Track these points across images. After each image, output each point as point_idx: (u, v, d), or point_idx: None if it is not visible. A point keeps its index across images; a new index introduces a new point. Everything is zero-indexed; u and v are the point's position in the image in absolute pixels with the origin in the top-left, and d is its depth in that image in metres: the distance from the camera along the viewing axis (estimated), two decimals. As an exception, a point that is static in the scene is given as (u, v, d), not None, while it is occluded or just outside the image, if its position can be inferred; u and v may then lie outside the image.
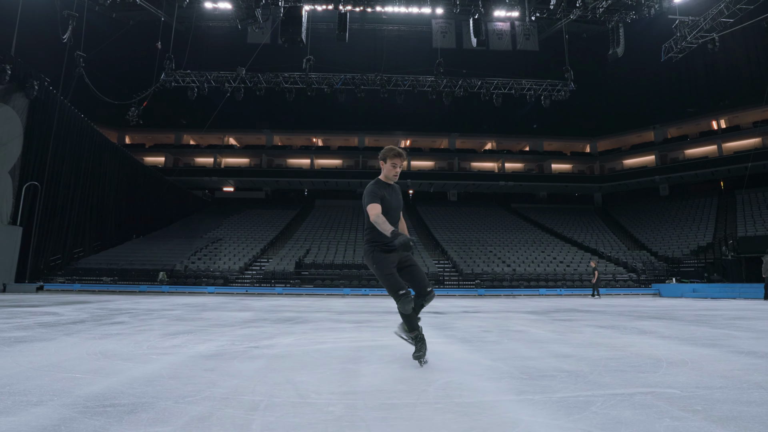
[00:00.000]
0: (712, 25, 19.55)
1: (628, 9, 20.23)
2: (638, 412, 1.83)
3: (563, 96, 23.12)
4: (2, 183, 17.18)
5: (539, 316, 7.48)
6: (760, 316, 7.17)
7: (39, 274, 18.62)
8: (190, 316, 6.82)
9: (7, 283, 16.44)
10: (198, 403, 1.95)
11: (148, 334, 4.52)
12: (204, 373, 2.58)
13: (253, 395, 2.10)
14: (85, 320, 5.90)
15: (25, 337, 4.12)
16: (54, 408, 1.85)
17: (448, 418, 1.77)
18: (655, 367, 2.79)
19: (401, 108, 27.20)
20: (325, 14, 26.02)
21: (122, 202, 25.72)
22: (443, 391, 2.20)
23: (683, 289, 18.41)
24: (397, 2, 20.19)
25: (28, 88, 17.51)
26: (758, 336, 4.44)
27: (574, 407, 1.90)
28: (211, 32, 34.29)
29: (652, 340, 4.14)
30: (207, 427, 1.64)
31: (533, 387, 2.28)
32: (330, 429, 1.64)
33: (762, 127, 30.93)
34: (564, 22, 21.65)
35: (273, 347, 3.70)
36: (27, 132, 18.13)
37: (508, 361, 3.05)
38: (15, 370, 2.62)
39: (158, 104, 27.18)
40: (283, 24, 20.07)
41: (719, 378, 2.48)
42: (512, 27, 31.44)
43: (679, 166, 33.66)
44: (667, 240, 26.15)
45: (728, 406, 1.90)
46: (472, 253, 24.13)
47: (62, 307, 8.37)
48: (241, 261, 22.39)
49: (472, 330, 5.20)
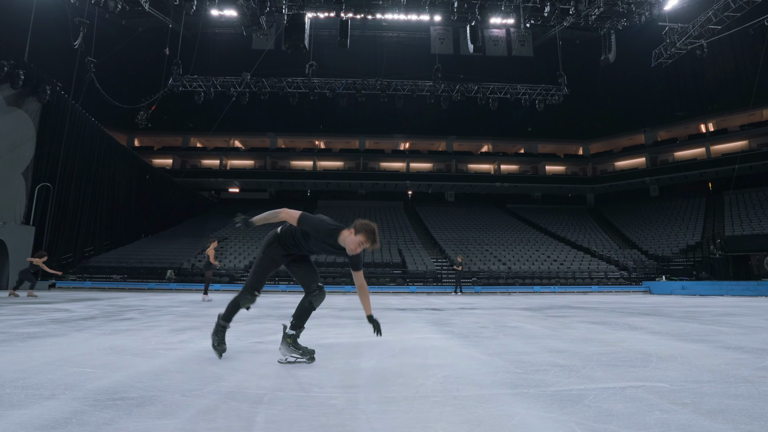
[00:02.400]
0: (701, 32, 19.55)
1: (620, 16, 20.22)
2: (629, 405, 1.83)
3: (557, 100, 23.11)
4: (16, 184, 17.17)
5: (534, 312, 7.48)
6: (747, 312, 7.17)
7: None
8: (196, 313, 6.82)
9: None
10: (204, 396, 1.95)
11: (156, 330, 4.52)
12: (210, 368, 2.58)
13: (257, 389, 2.10)
14: (95, 317, 5.90)
15: (37, 332, 4.12)
16: (65, 401, 1.85)
17: (445, 411, 1.77)
18: (645, 362, 2.79)
19: (401, 112, 27.21)
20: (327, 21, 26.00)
21: (131, 202, 25.70)
22: (441, 385, 2.20)
23: (673, 287, 18.40)
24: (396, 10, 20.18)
25: (41, 92, 17.49)
26: (745, 332, 4.44)
27: (568, 400, 1.90)
28: (217, 39, 34.28)
29: (642, 336, 4.14)
30: (213, 419, 1.64)
31: (528, 381, 2.28)
32: (332, 422, 1.64)
33: (748, 130, 30.96)
34: (558, 29, 21.64)
35: (277, 342, 3.69)
36: (39, 135, 18.11)
37: (504, 356, 3.05)
38: (28, 364, 2.62)
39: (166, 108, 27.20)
40: (287, 31, 20.05)
41: (707, 372, 2.48)
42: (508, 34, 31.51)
43: (669, 167, 33.67)
44: (657, 239, 26.14)
45: (716, 400, 1.90)
46: (469, 252, 24.12)
47: (73, 304, 8.37)
48: (246, 259, 22.37)
49: (469, 326, 5.20)
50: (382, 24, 32.61)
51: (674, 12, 20.54)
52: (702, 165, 31.74)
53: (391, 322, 5.56)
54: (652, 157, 35.43)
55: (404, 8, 20.01)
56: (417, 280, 20.50)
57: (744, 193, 28.70)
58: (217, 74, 23.60)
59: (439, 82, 22.67)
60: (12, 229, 16.22)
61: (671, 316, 6.40)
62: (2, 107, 16.26)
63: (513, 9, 19.88)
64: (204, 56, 29.19)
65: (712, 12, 18.85)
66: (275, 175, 36.51)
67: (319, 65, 21.84)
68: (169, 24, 24.89)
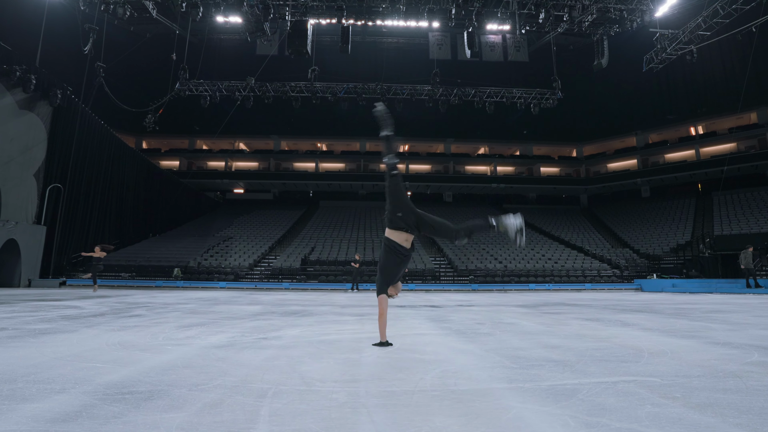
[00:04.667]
0: (691, 38, 19.54)
1: (612, 23, 20.20)
2: (621, 399, 1.83)
3: (551, 104, 23.11)
4: (28, 185, 17.17)
5: (529, 309, 7.48)
6: (735, 309, 7.17)
7: (62, 270, 18.61)
8: (203, 310, 6.82)
9: (32, 279, 16.44)
10: (210, 390, 1.95)
11: (163, 326, 4.52)
12: (216, 363, 2.58)
13: (261, 383, 2.10)
14: (104, 313, 5.90)
15: (48, 329, 4.12)
16: (76, 395, 1.85)
17: (444, 404, 1.77)
18: (637, 357, 2.79)
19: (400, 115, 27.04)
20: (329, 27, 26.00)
21: (140, 203, 25.69)
22: (439, 380, 2.20)
23: (663, 285, 18.39)
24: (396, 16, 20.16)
25: (52, 96, 17.49)
26: (733, 328, 4.43)
27: (562, 394, 1.90)
28: (222, 44, 34.29)
29: (634, 332, 4.14)
30: (219, 413, 1.64)
31: (523, 376, 2.28)
32: (334, 415, 1.64)
33: (737, 132, 30.96)
34: (552, 35, 21.64)
35: (280, 338, 3.70)
36: (50, 137, 18.11)
37: (500, 352, 3.05)
38: (39, 359, 2.62)
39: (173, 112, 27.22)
40: (290, 37, 20.04)
41: (697, 367, 2.48)
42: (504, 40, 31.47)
43: (660, 169, 33.66)
44: (648, 238, 26.14)
45: (705, 394, 1.90)
46: (466, 251, 24.11)
47: (83, 301, 8.36)
48: (251, 258, 22.38)
49: (467, 322, 5.19)
50: (382, 30, 32.63)
51: (665, 18, 20.53)
52: (692, 167, 31.74)
53: (390, 319, 5.56)
54: (643, 159, 35.42)
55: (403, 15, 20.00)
56: (416, 278, 20.50)
57: (732, 193, 28.70)
58: (222, 79, 23.61)
59: (438, 86, 22.66)
60: (24, 228, 16.24)
61: (662, 313, 6.40)
62: (15, 111, 16.26)
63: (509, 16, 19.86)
64: (210, 61, 29.19)
65: (702, 18, 18.84)
66: (279, 177, 36.55)
67: (321, 70, 21.85)
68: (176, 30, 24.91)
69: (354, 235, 26.87)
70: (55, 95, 17.51)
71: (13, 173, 16.28)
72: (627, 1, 19.58)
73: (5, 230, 15.11)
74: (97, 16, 18.88)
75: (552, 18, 19.79)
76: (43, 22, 18.18)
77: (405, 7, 19.56)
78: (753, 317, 5.63)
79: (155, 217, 27.27)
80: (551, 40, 22.66)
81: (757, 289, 14.46)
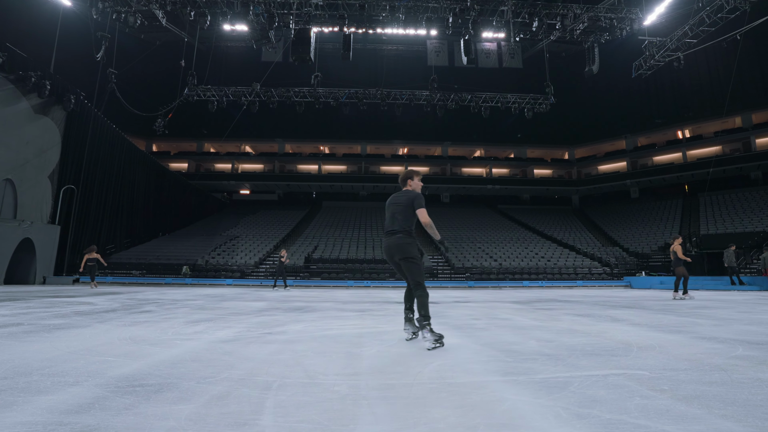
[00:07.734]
0: (678, 45, 19.54)
1: (603, 30, 20.19)
2: (611, 391, 1.83)
3: (544, 109, 23.09)
4: (42, 186, 17.18)
5: (523, 305, 7.48)
6: (721, 305, 7.17)
7: (75, 268, 18.61)
8: (210, 306, 6.82)
9: (46, 276, 16.45)
10: (217, 383, 1.96)
11: (173, 321, 4.52)
12: (223, 357, 2.59)
13: (266, 376, 2.10)
14: (116, 309, 5.90)
15: (62, 324, 4.12)
16: (89, 388, 1.85)
17: (441, 396, 1.77)
18: (626, 351, 2.79)
19: (399, 119, 27.16)
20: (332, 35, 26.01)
21: (150, 203, 25.70)
22: (437, 373, 2.20)
23: (652, 282, 18.39)
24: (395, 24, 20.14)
25: (66, 101, 17.49)
26: (719, 323, 4.43)
27: (554, 387, 1.90)
28: (229, 51, 34.31)
29: (623, 327, 4.14)
30: (225, 404, 1.64)
31: (517, 369, 2.28)
32: (336, 406, 1.64)
33: (722, 136, 30.99)
34: (545, 43, 21.62)
35: (285, 333, 3.70)
36: (64, 141, 18.12)
37: (495, 346, 3.05)
38: (54, 353, 2.62)
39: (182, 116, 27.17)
40: (294, 44, 20.04)
41: (684, 361, 2.48)
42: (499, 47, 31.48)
43: (648, 171, 33.68)
44: (637, 237, 26.13)
45: (692, 386, 1.90)
46: (463, 249, 24.11)
47: (96, 298, 8.37)
48: (256, 256, 22.38)
49: (463, 318, 5.19)
50: (382, 38, 32.67)
51: (653, 27, 20.53)
52: (679, 169, 31.77)
53: (390, 315, 5.56)
54: (632, 162, 35.45)
55: (403, 23, 19.97)
56: (415, 276, 20.44)
57: (718, 194, 28.72)
58: (229, 84, 23.59)
59: (435, 91, 22.65)
60: (39, 228, 16.24)
61: (650, 309, 6.40)
62: (30, 115, 16.26)
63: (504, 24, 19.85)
64: (217, 67, 29.18)
65: (689, 26, 18.84)
66: (283, 178, 36.58)
67: (323, 76, 21.83)
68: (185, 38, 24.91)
69: (356, 234, 26.87)
70: (69, 100, 17.51)
71: (29, 175, 16.28)
72: (617, 10, 19.58)
73: (21, 230, 15.11)
74: (109, 25, 18.88)
75: (545, 26, 19.78)
76: (57, 30, 18.19)
77: (404, 16, 19.53)
78: (737, 313, 5.63)
79: (165, 217, 27.28)
80: (544, 48, 22.65)
81: (741, 286, 14.47)
